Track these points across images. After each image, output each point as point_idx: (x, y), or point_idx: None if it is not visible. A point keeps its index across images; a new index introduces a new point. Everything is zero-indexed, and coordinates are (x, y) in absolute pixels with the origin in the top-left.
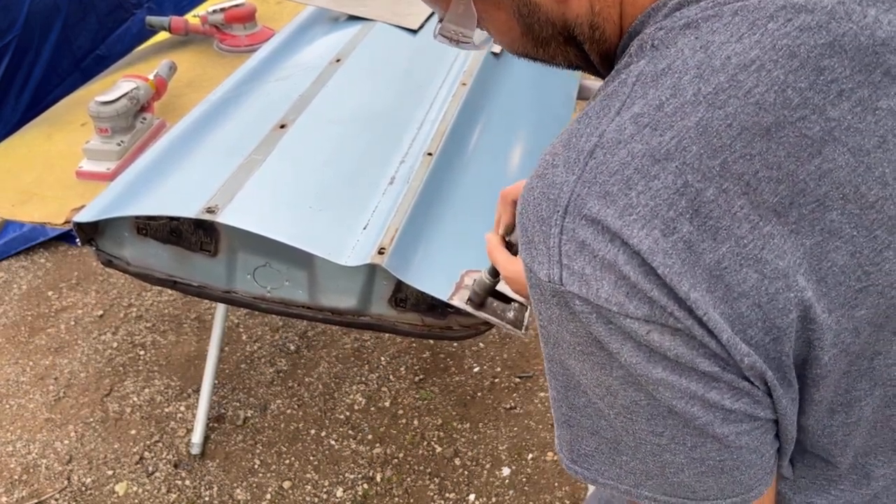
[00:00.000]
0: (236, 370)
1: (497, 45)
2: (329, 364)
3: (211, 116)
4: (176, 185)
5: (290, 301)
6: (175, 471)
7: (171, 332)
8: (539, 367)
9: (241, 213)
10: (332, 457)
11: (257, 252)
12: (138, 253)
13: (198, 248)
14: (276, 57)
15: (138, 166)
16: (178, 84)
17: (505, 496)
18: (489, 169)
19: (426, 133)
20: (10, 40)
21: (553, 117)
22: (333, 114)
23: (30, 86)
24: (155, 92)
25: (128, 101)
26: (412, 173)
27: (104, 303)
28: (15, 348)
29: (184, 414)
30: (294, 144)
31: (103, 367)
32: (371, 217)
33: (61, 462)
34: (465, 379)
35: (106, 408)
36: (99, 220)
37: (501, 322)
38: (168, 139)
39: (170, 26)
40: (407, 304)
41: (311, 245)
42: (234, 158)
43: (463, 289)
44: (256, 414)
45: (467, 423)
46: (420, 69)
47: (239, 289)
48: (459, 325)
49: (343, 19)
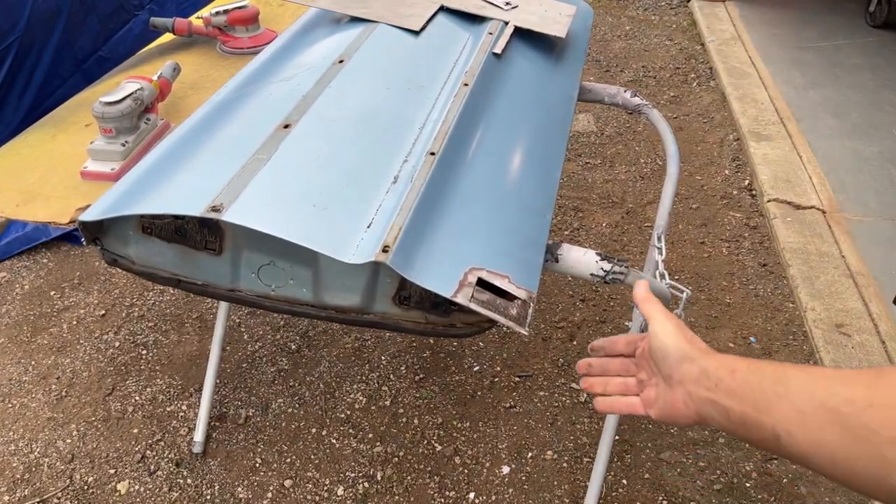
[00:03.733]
0: (238, 369)
1: None
2: (330, 363)
3: (215, 117)
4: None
5: (295, 299)
6: (177, 469)
7: (173, 331)
8: (538, 366)
9: (246, 211)
10: (332, 455)
11: (261, 250)
12: (143, 252)
13: (202, 247)
14: (279, 58)
15: (143, 166)
16: (182, 85)
17: (504, 494)
18: (491, 168)
19: (429, 133)
20: (12, 42)
21: (554, 117)
22: (336, 114)
23: (32, 87)
24: (159, 93)
25: (132, 102)
26: (415, 172)
27: (106, 302)
28: (17, 348)
29: (185, 413)
30: (298, 144)
31: (105, 366)
32: (375, 215)
33: (63, 461)
34: (465, 378)
35: (108, 407)
36: (104, 218)
37: (505, 319)
38: (172, 139)
39: (173, 28)
40: (411, 302)
41: (316, 243)
42: (239, 158)
43: (466, 286)
44: (258, 413)
45: (467, 421)
46: (422, 70)
47: (243, 287)
48: (463, 322)
49: (345, 21)
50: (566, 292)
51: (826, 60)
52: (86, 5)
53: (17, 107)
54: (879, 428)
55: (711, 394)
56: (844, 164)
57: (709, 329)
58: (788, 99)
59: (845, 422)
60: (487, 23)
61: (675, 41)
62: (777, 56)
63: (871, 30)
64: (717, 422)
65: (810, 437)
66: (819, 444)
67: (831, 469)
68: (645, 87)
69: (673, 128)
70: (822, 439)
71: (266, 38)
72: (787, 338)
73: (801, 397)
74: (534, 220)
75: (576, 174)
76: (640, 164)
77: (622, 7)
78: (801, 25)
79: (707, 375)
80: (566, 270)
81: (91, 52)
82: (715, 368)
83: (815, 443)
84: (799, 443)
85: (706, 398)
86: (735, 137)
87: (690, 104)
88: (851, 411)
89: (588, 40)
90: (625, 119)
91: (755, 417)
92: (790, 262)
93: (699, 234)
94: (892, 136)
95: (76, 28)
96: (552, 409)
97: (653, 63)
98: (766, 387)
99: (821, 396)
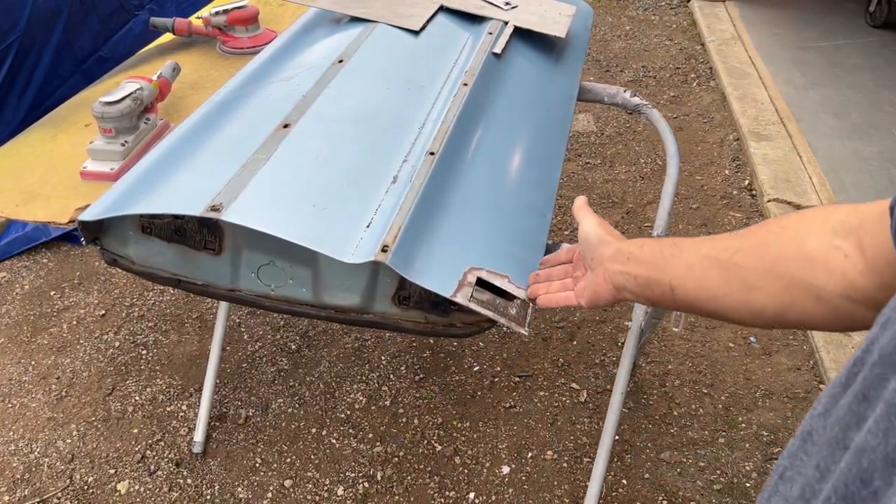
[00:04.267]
0: (238, 369)
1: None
2: (330, 363)
3: (214, 116)
4: (180, 184)
5: (294, 299)
6: (177, 469)
7: (173, 331)
8: (538, 366)
9: (246, 211)
10: (332, 455)
11: (261, 250)
12: (143, 252)
13: (202, 247)
14: (278, 58)
15: (142, 166)
16: (182, 85)
17: (504, 494)
18: (491, 168)
19: (428, 133)
20: (12, 42)
21: (554, 117)
22: (336, 114)
23: (32, 87)
24: (158, 93)
25: (132, 102)
26: (415, 172)
27: (106, 302)
28: (17, 348)
29: (185, 413)
30: (297, 144)
31: (105, 366)
32: (374, 215)
33: (63, 461)
34: (465, 378)
35: (108, 407)
36: (103, 218)
37: (504, 319)
38: (172, 139)
39: (173, 28)
40: (410, 302)
41: (316, 242)
42: (238, 158)
43: (466, 286)
44: (258, 413)
45: (467, 421)
46: (422, 70)
47: (243, 287)
48: (462, 322)
49: (345, 21)
50: None
51: (826, 60)
52: (86, 5)
53: (17, 107)
54: (744, 263)
55: (623, 266)
56: (844, 164)
57: (709, 329)
58: (788, 99)
59: (721, 265)
60: (487, 23)
61: (675, 41)
62: (777, 56)
63: (871, 30)
64: (629, 290)
65: (696, 283)
66: (702, 287)
67: (712, 305)
68: (645, 87)
69: (673, 128)
70: (704, 283)
71: (266, 38)
72: (788, 338)
73: (691, 254)
74: (534, 219)
75: (576, 174)
76: (640, 164)
77: (622, 7)
78: (802, 25)
79: (621, 252)
80: None
81: (91, 52)
82: (627, 246)
83: (700, 286)
84: (688, 289)
85: (619, 270)
86: (735, 137)
87: (690, 104)
88: (725, 256)
89: (588, 40)
90: (625, 119)
91: (656, 277)
92: None
93: (699, 234)
94: (892, 136)
95: (76, 28)
96: (552, 409)
97: (653, 63)
98: (665, 251)
99: (704, 250)
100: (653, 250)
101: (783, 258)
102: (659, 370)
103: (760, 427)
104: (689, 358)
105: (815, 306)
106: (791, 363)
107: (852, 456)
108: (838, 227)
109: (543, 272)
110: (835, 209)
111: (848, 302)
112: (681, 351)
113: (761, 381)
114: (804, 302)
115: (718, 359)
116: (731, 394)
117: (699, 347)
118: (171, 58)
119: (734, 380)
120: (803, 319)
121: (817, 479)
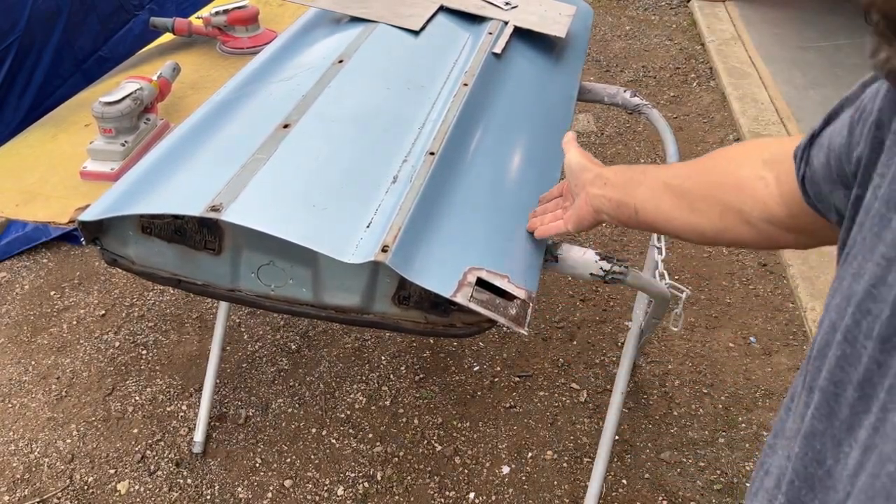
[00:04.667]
0: (238, 369)
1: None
2: (330, 363)
3: (214, 117)
4: (180, 184)
5: (294, 299)
6: (177, 469)
7: (173, 331)
8: (538, 366)
9: (246, 211)
10: (332, 455)
11: (261, 250)
12: (143, 252)
13: (202, 247)
14: (278, 58)
15: (142, 166)
16: (182, 85)
17: (504, 494)
18: (491, 168)
19: (428, 133)
20: (12, 42)
21: (554, 117)
22: (336, 114)
23: (32, 87)
24: (159, 93)
25: (132, 102)
26: (415, 172)
27: (106, 302)
28: (17, 348)
29: (185, 413)
30: (297, 144)
31: (105, 366)
32: (374, 215)
33: (63, 461)
34: (465, 378)
35: (108, 407)
36: (103, 218)
37: (504, 319)
38: (172, 139)
39: (173, 28)
40: (410, 302)
41: (316, 242)
42: (238, 158)
43: (466, 286)
44: (258, 413)
45: (467, 421)
46: (422, 70)
47: (243, 287)
48: (462, 322)
49: (345, 21)
50: (566, 292)
51: (827, 60)
52: (86, 5)
53: (17, 107)
54: (693, 189)
55: (601, 190)
56: None
57: (709, 329)
58: (789, 99)
59: (674, 191)
60: (487, 23)
61: (675, 41)
62: (777, 56)
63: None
64: (605, 212)
65: (654, 206)
66: (659, 209)
67: (668, 227)
68: (645, 87)
69: (673, 128)
70: (660, 206)
71: (266, 38)
72: (788, 338)
73: (652, 181)
74: None
75: None
76: (640, 163)
77: (622, 7)
78: (802, 25)
79: (600, 177)
80: (566, 270)
81: (91, 52)
82: (605, 171)
83: (657, 209)
84: (648, 212)
85: (598, 194)
86: (735, 137)
87: (690, 104)
88: (678, 182)
89: (588, 40)
90: (625, 119)
91: (625, 200)
92: (790, 262)
93: None
94: None
95: (76, 28)
96: (552, 409)
97: (653, 63)
98: (634, 177)
99: (663, 177)
100: (624, 175)
101: (720, 185)
102: (659, 370)
103: (760, 427)
104: (689, 358)
105: (744, 229)
106: (791, 363)
107: (806, 440)
108: (768, 158)
109: (539, 208)
110: (769, 143)
111: (770, 226)
112: (681, 351)
113: (761, 381)
114: (736, 226)
115: (718, 359)
116: (731, 394)
117: (699, 347)
118: (171, 58)
119: (734, 380)
120: (736, 240)
121: (786, 468)
